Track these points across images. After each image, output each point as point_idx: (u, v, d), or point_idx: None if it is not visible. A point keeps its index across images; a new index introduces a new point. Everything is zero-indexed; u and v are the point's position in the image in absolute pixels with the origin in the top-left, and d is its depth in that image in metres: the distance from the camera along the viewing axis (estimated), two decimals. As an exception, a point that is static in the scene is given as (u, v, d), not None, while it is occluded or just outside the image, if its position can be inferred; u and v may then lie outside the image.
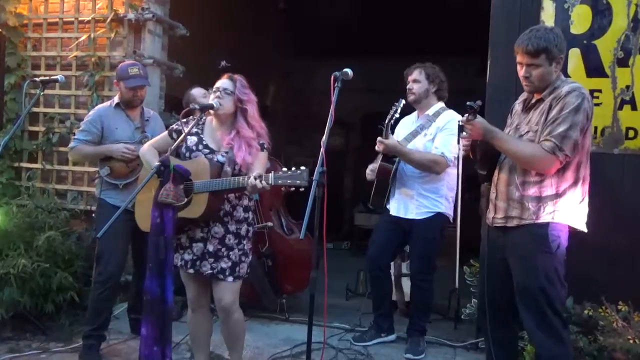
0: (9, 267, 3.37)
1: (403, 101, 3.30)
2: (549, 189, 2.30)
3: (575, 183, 2.32)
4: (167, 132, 2.68)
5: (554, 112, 2.25)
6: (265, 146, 2.63)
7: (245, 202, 2.63)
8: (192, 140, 2.61)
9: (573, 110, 2.22)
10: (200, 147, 2.59)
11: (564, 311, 2.42)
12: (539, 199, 2.31)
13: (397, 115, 3.29)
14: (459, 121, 2.38)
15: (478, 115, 2.33)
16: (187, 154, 2.59)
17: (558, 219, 2.30)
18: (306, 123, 6.88)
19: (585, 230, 2.38)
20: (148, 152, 2.65)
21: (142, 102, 3.31)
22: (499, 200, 2.42)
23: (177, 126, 2.63)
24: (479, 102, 2.34)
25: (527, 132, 2.35)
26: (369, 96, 7.23)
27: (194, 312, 2.69)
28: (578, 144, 2.25)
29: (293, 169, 2.30)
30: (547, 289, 2.27)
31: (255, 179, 2.33)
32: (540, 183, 2.31)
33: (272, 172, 2.35)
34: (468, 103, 2.31)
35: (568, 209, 2.32)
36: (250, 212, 2.67)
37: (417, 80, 3.38)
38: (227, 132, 2.58)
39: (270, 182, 2.31)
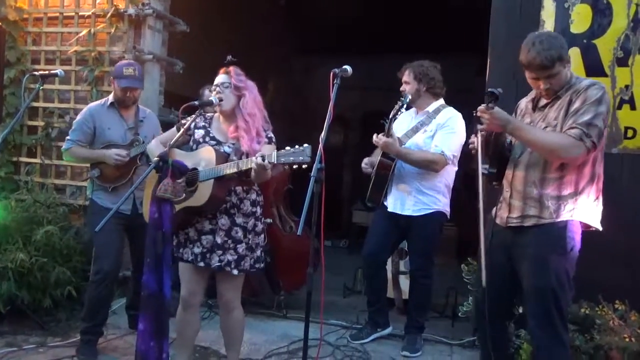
0: (7, 261, 3.38)
1: (409, 96, 3.24)
2: (568, 187, 2.26)
3: (592, 180, 2.29)
4: (175, 126, 2.69)
5: (576, 105, 2.21)
6: (274, 140, 2.63)
7: (254, 196, 2.63)
8: (199, 133, 2.64)
9: (596, 101, 2.19)
10: (207, 139, 2.62)
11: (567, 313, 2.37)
12: (559, 198, 2.26)
13: (402, 111, 3.22)
14: (474, 112, 2.24)
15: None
16: (194, 147, 2.62)
17: (577, 217, 2.26)
18: (305, 119, 6.87)
19: (601, 229, 2.34)
20: (155, 146, 2.69)
21: (135, 103, 3.28)
22: (514, 199, 2.35)
23: (184, 120, 2.63)
24: (499, 89, 2.20)
25: (545, 127, 2.29)
26: (369, 93, 7.21)
27: (185, 311, 2.65)
28: (602, 134, 2.22)
29: (296, 146, 2.26)
30: (556, 290, 2.23)
31: (258, 159, 2.31)
32: (560, 180, 2.26)
33: (275, 151, 2.31)
34: (489, 89, 2.20)
35: (586, 207, 2.28)
36: (258, 207, 2.65)
37: (406, 82, 3.37)
38: (232, 124, 2.59)
39: (273, 160, 2.28)
